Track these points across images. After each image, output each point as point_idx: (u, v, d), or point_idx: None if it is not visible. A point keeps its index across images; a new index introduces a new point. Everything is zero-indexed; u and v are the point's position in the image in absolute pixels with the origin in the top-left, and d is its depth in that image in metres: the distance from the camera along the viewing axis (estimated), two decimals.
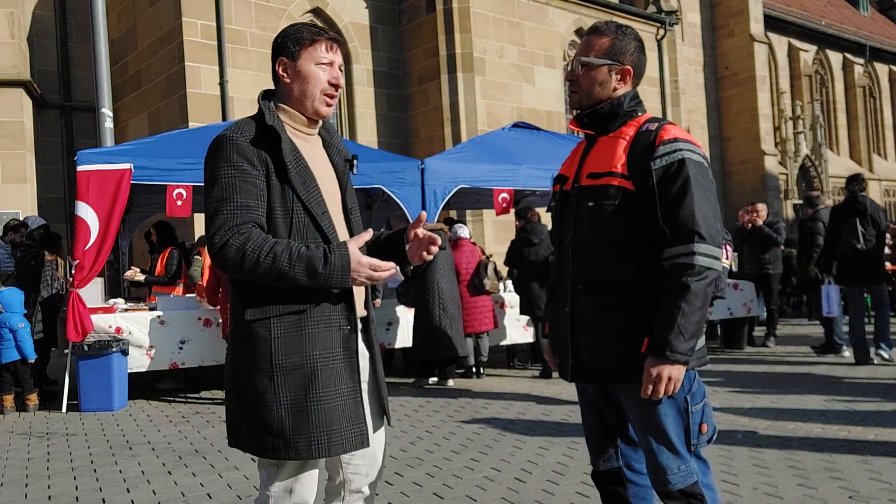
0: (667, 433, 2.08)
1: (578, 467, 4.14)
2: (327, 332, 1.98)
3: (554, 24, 14.92)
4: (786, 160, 21.76)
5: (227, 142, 1.97)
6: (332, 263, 1.90)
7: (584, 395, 2.35)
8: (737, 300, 9.17)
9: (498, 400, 6.36)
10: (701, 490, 2.10)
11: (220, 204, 1.93)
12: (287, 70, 2.06)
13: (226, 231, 1.90)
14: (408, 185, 7.76)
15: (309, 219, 1.99)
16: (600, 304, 2.12)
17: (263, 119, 2.01)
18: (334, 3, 13.11)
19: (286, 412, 1.93)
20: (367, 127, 13.51)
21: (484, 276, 7.49)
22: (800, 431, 4.80)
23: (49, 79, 13.08)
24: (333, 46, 2.08)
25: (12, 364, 6.51)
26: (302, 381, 1.94)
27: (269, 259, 1.88)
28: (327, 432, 1.94)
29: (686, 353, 2.00)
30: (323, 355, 1.96)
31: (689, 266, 1.98)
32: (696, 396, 2.12)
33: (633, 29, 2.25)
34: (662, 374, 2.00)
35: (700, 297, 1.99)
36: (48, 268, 7.31)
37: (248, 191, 1.93)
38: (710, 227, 2.01)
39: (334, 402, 1.96)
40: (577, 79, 2.21)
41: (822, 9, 26.84)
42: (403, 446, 4.83)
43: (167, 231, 8.16)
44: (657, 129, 2.09)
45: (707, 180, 2.07)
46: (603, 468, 2.33)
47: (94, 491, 4.12)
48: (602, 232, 2.11)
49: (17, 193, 11.17)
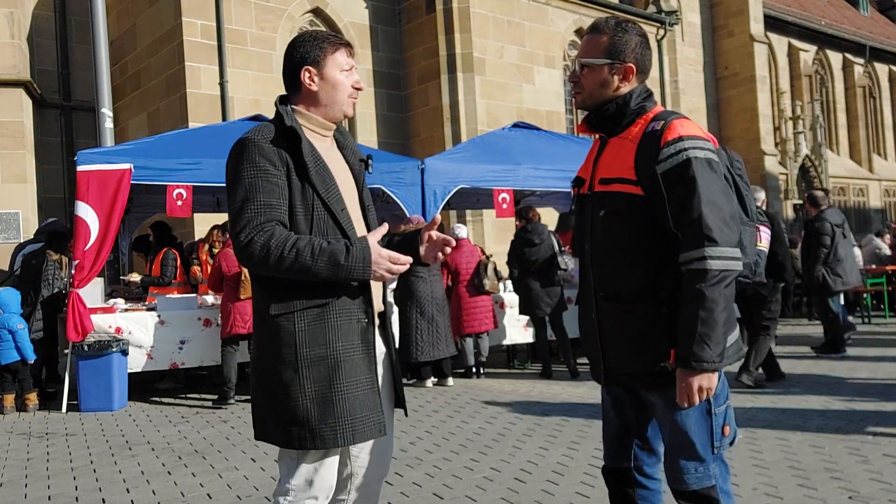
0: (689, 435, 2.06)
1: (578, 467, 4.14)
2: (348, 324, 2.06)
3: (554, 24, 14.92)
4: (786, 160, 21.75)
5: (249, 143, 2.06)
6: (353, 255, 1.98)
7: (609, 391, 2.30)
8: None
9: (498, 400, 6.36)
10: (718, 495, 2.07)
11: (245, 203, 2.01)
12: (314, 78, 2.16)
13: (251, 229, 1.98)
14: (408, 185, 7.76)
15: (329, 216, 2.07)
16: (619, 310, 2.10)
17: (281, 121, 2.10)
18: (334, 3, 13.11)
19: (311, 402, 2.01)
20: (367, 127, 13.51)
21: (484, 275, 7.49)
22: (800, 431, 4.80)
23: (49, 79, 13.07)
24: (352, 52, 2.22)
25: (13, 364, 6.51)
26: (326, 372, 2.02)
27: (292, 254, 1.95)
28: (351, 421, 2.02)
29: (713, 359, 1.95)
30: (345, 346, 2.05)
31: (703, 272, 1.93)
32: (719, 398, 2.08)
33: (635, 23, 2.18)
34: (692, 384, 1.97)
35: (719, 302, 1.94)
36: (50, 266, 7.30)
37: (270, 190, 2.02)
38: (721, 228, 1.95)
39: (356, 391, 2.04)
40: (580, 80, 2.16)
41: (822, 9, 26.84)
42: (403, 446, 4.83)
43: (165, 231, 8.17)
44: (662, 127, 2.03)
45: (716, 177, 2.00)
46: (613, 465, 2.30)
47: (93, 491, 4.11)
48: (615, 239, 2.08)
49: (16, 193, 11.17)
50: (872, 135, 27.05)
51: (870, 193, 25.73)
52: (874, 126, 27.33)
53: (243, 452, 4.79)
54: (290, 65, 2.17)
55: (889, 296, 12.22)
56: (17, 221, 11.08)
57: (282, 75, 2.22)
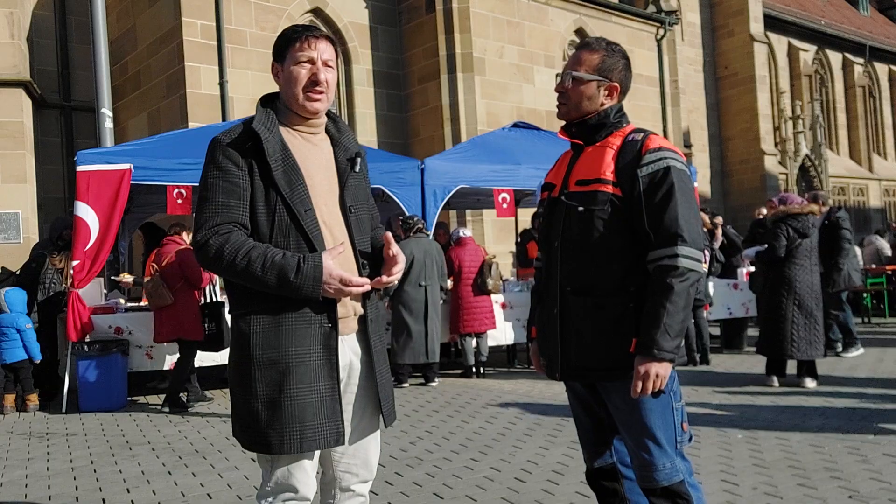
0: (652, 429, 2.15)
1: (578, 467, 4.14)
2: (306, 329, 2.01)
3: (554, 24, 14.91)
4: (786, 160, 21.75)
5: (215, 143, 2.07)
6: (303, 273, 1.95)
7: (574, 393, 2.41)
8: (736, 300, 9.17)
9: (498, 400, 6.36)
10: (687, 489, 2.16)
11: (203, 203, 2.03)
12: (279, 73, 2.14)
13: (207, 230, 2.00)
14: (408, 185, 7.76)
15: (290, 217, 2.03)
16: (590, 305, 2.21)
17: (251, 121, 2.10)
18: (334, 3, 13.10)
19: (261, 406, 1.99)
20: (367, 127, 13.49)
21: (487, 275, 7.50)
22: (800, 431, 4.80)
23: (49, 79, 13.06)
24: (311, 42, 2.09)
25: (18, 363, 6.51)
26: (277, 377, 1.99)
27: (243, 262, 1.95)
28: (300, 428, 1.97)
29: (672, 350, 2.08)
30: (299, 352, 2.00)
31: (674, 268, 2.08)
32: (677, 395, 2.21)
33: (621, 46, 2.36)
34: (650, 371, 2.08)
35: (683, 297, 2.08)
36: (49, 270, 7.29)
37: (230, 191, 2.01)
38: (693, 231, 2.12)
39: (309, 398, 1.99)
40: (567, 91, 2.30)
41: (821, 9, 26.83)
42: (403, 446, 4.83)
43: (155, 232, 8.19)
44: (643, 138, 2.20)
45: (689, 188, 2.17)
46: (597, 465, 2.39)
47: (94, 491, 4.12)
48: (591, 236, 2.20)
49: (16, 193, 11.15)
50: (872, 135, 27.04)
51: (869, 193, 25.71)
52: (874, 126, 27.32)
53: (243, 452, 4.79)
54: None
55: (889, 296, 12.22)
56: (16, 221, 11.07)
57: None
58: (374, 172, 7.45)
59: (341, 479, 2.18)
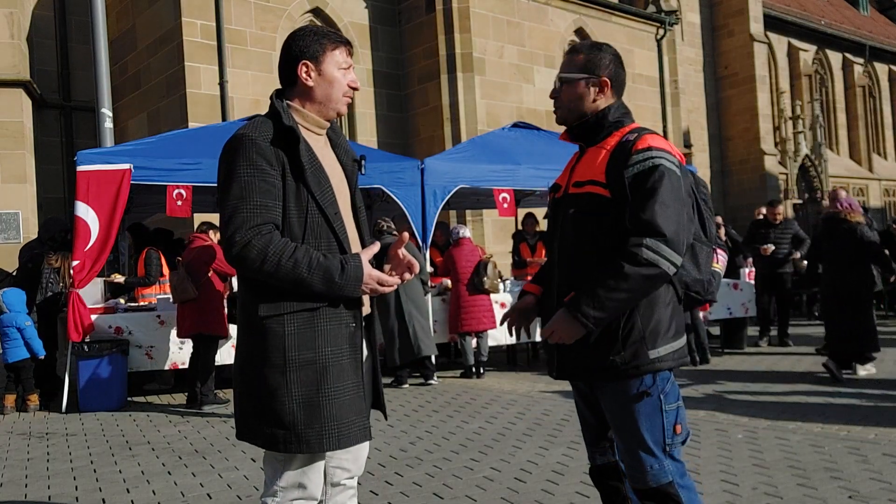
0: (641, 431, 2.16)
1: (578, 467, 4.14)
2: (337, 328, 2.04)
3: (554, 24, 14.91)
4: (786, 160, 21.73)
5: (246, 140, 2.00)
6: (347, 274, 1.98)
7: (579, 391, 2.43)
8: (736, 300, 9.17)
9: (498, 400, 6.36)
10: (677, 491, 2.16)
11: (240, 202, 1.96)
12: (311, 73, 2.12)
13: (247, 230, 1.94)
14: (408, 185, 7.75)
15: (322, 219, 2.04)
16: None
17: (278, 118, 2.05)
18: (334, 3, 13.10)
19: (298, 406, 1.98)
20: (367, 127, 13.49)
21: (483, 275, 7.50)
22: (800, 431, 4.80)
23: (49, 79, 13.06)
24: (351, 51, 2.20)
25: (20, 363, 6.51)
26: (314, 377, 2.00)
27: (290, 263, 1.93)
28: (337, 426, 2.00)
29: (589, 320, 2.07)
30: (333, 351, 2.02)
31: (633, 255, 2.05)
32: (669, 396, 2.19)
33: (610, 45, 2.36)
34: (558, 323, 2.12)
35: (630, 283, 2.05)
36: (47, 270, 7.29)
37: (266, 190, 1.98)
38: (671, 229, 2.06)
39: (343, 396, 2.02)
40: (559, 96, 2.33)
41: (821, 8, 26.82)
42: (403, 446, 4.83)
43: (142, 232, 8.20)
44: (635, 138, 2.17)
45: (676, 186, 2.12)
46: (600, 462, 2.42)
47: (93, 491, 4.12)
48: (583, 237, 2.21)
49: (16, 193, 11.16)
50: (872, 134, 27.03)
51: (870, 193, 25.70)
52: (874, 126, 27.31)
53: (243, 452, 4.79)
54: (288, 58, 2.14)
55: (889, 296, 12.21)
56: (16, 221, 11.08)
57: (277, 68, 2.18)
58: (374, 172, 7.51)
59: (332, 475, 2.20)
